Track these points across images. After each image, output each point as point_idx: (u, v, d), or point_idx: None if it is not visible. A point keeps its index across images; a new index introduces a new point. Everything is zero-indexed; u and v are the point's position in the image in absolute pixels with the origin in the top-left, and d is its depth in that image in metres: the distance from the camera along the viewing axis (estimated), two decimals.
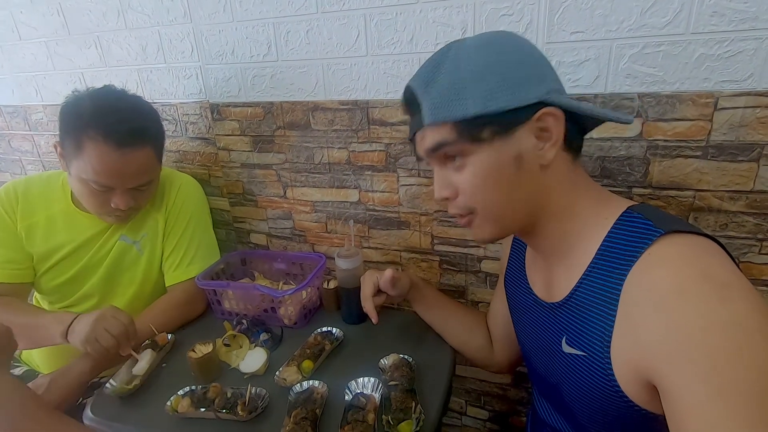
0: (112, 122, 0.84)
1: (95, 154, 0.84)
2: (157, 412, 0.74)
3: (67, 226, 0.99)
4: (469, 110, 0.51)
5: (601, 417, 0.55)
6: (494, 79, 0.51)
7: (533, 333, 0.67)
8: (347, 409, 0.71)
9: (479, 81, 0.51)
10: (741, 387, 0.39)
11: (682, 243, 0.47)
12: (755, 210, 0.73)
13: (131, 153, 0.86)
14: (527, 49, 0.54)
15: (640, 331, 0.46)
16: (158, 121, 0.95)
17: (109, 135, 0.83)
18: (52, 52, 1.24)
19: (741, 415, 0.39)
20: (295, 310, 0.97)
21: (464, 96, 0.51)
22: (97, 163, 0.84)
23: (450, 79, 0.53)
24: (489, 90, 0.51)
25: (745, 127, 0.70)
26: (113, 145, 0.84)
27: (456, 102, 0.52)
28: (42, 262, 0.98)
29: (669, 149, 0.75)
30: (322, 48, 0.93)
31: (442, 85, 0.53)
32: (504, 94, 0.51)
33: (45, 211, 0.99)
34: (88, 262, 0.99)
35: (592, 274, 0.53)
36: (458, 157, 0.55)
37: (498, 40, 0.54)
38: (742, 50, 0.67)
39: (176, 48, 1.07)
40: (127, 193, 0.90)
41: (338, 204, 1.06)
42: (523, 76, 0.51)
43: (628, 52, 0.72)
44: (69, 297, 1.01)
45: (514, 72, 0.51)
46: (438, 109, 0.53)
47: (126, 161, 0.86)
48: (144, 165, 0.90)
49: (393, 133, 0.93)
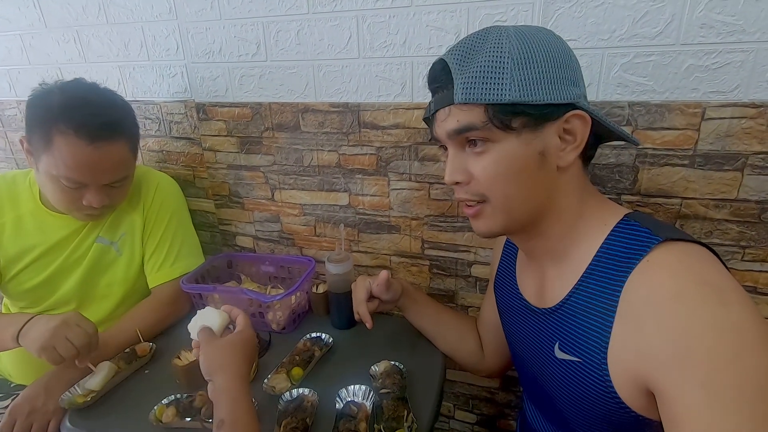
0: (84, 115, 0.80)
1: (66, 149, 0.79)
2: (141, 423, 0.72)
3: (37, 228, 0.94)
4: (505, 95, 0.50)
5: (595, 422, 0.55)
6: (535, 70, 0.50)
7: (524, 338, 0.67)
8: (338, 417, 0.70)
9: (520, 68, 0.50)
10: (739, 391, 0.40)
11: (679, 250, 0.48)
12: (739, 218, 0.75)
13: (105, 147, 0.82)
14: (567, 50, 0.53)
15: (639, 336, 0.46)
16: (132, 115, 0.91)
17: (80, 128, 0.79)
18: (28, 45, 1.18)
19: (738, 420, 0.39)
20: (284, 315, 0.95)
21: (502, 80, 0.50)
22: (69, 159, 0.80)
23: (490, 60, 0.50)
24: (528, 79, 0.50)
25: (731, 137, 0.71)
26: (86, 139, 0.80)
27: (493, 84, 0.50)
28: (11, 265, 0.93)
29: (657, 157, 0.76)
30: (313, 49, 0.91)
31: (481, 65, 0.51)
32: (542, 87, 0.50)
33: (12, 212, 0.94)
34: (63, 264, 0.95)
35: (589, 280, 0.54)
36: (481, 142, 0.53)
37: (542, 35, 0.52)
38: (730, 62, 0.68)
39: (161, 45, 1.04)
40: (101, 190, 0.86)
41: (328, 207, 1.04)
42: (561, 74, 0.51)
43: (620, 61, 0.73)
44: (42, 302, 0.97)
45: (554, 68, 0.51)
46: (473, 88, 0.51)
47: (99, 156, 0.82)
48: (118, 160, 0.86)
49: (384, 137, 0.92)
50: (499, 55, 0.50)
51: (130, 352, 0.86)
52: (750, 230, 0.75)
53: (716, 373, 0.41)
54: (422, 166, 0.92)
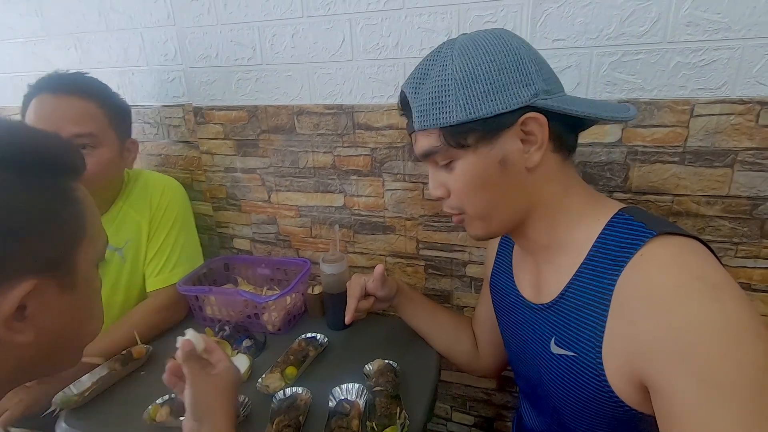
0: (55, 77, 0.88)
1: (35, 105, 0.86)
2: (135, 422, 0.72)
3: None
4: (453, 118, 0.52)
5: (589, 417, 0.55)
6: (477, 85, 0.51)
7: (520, 335, 0.67)
8: (331, 415, 0.69)
9: (462, 88, 0.51)
10: (734, 386, 0.40)
11: (674, 244, 0.48)
12: (730, 214, 0.75)
13: (67, 98, 0.87)
14: (515, 50, 0.52)
15: (633, 331, 0.46)
16: (110, 92, 0.94)
17: (48, 85, 0.87)
18: (30, 53, 1.21)
19: (735, 415, 0.39)
20: (279, 316, 0.95)
21: (448, 103, 0.52)
22: (34, 112, 0.86)
23: (436, 86, 0.53)
24: (472, 96, 0.51)
25: (720, 134, 0.72)
26: (50, 92, 0.86)
27: (441, 109, 0.53)
28: None
29: (648, 155, 0.76)
30: (308, 52, 0.93)
31: (429, 92, 0.54)
32: (487, 101, 0.51)
33: None
34: None
35: (584, 275, 0.54)
36: (446, 161, 0.56)
37: (485, 43, 0.52)
38: (716, 59, 0.69)
39: (159, 50, 1.06)
40: None
41: (323, 209, 1.05)
42: (507, 81, 0.51)
43: (608, 59, 0.74)
44: None
45: (497, 77, 0.51)
46: (424, 115, 0.54)
47: (60, 105, 0.86)
48: (81, 114, 0.87)
49: (378, 138, 0.93)
50: (444, 79, 0.53)
51: (127, 354, 0.86)
52: (742, 226, 0.75)
53: (712, 368, 0.41)
54: (416, 166, 0.93)
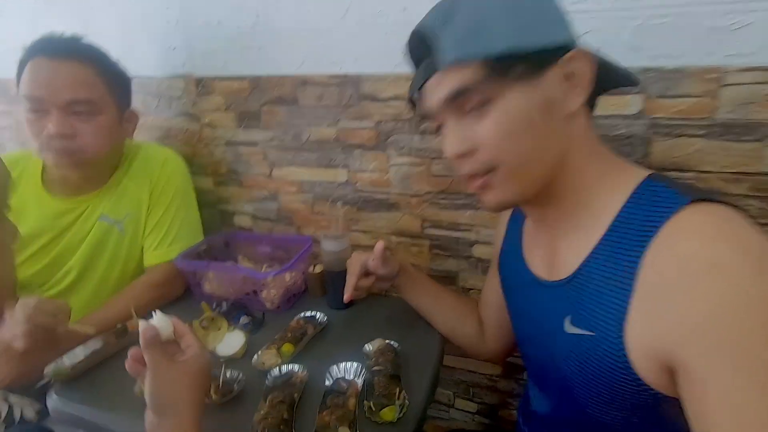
0: (51, 39, 0.87)
1: (30, 68, 0.85)
2: (126, 395, 0.70)
3: (39, 214, 0.93)
4: (500, 44, 0.46)
5: (608, 400, 0.51)
6: (525, 14, 0.47)
7: (531, 316, 0.63)
8: (327, 393, 0.67)
9: (509, 15, 0.47)
10: None
11: (711, 212, 0.43)
12: (760, 193, 0.70)
13: (65, 63, 0.85)
14: None
15: (664, 309, 0.42)
16: (110, 59, 0.93)
17: (44, 48, 0.85)
18: (32, 23, 1.18)
19: None
20: (278, 294, 0.92)
21: (493, 30, 0.46)
22: (30, 76, 0.84)
23: (475, 13, 0.47)
24: (520, 25, 0.47)
25: (753, 105, 0.66)
26: (47, 57, 0.85)
27: (484, 36, 0.46)
28: None
29: (671, 128, 0.72)
30: (312, 19, 0.89)
31: (466, 20, 0.47)
32: (536, 31, 0.47)
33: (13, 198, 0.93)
34: (65, 246, 0.94)
35: (606, 247, 0.49)
36: (480, 104, 0.49)
37: None
38: (750, 22, 0.64)
39: (159, 19, 1.03)
40: (62, 116, 0.85)
41: (326, 185, 1.02)
42: (554, 16, 0.48)
43: (632, 23, 0.69)
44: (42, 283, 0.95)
45: (545, 11, 0.48)
46: (464, 43, 0.47)
47: (57, 70, 0.85)
48: (78, 79, 0.86)
49: (384, 110, 0.90)
50: (483, 6, 0.47)
51: (121, 328, 0.84)
52: None
53: (751, 351, 0.37)
54: (423, 140, 0.89)
